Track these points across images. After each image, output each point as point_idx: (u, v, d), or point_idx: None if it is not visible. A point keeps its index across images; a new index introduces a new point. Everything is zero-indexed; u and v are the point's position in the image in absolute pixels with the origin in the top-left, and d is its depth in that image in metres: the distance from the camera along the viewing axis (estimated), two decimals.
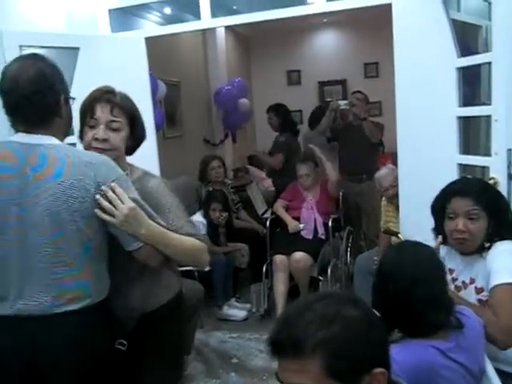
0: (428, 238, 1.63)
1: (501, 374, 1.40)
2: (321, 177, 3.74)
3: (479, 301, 1.52)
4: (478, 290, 1.53)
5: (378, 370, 0.85)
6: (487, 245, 1.52)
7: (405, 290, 1.24)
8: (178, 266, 1.63)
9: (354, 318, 0.86)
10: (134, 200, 1.31)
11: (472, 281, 1.55)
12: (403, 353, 1.17)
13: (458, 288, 1.59)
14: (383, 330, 0.93)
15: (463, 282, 1.56)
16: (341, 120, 4.07)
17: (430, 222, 1.67)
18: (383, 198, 3.13)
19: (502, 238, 1.51)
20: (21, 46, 2.39)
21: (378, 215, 3.31)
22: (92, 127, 1.43)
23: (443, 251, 1.65)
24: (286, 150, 4.20)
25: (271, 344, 0.88)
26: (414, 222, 2.44)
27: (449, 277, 1.55)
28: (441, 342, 1.23)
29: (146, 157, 2.85)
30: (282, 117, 4.44)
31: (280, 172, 4.20)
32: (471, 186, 1.55)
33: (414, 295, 1.23)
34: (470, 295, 1.54)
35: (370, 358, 0.85)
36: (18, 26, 2.48)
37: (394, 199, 2.89)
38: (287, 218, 3.63)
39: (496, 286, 1.43)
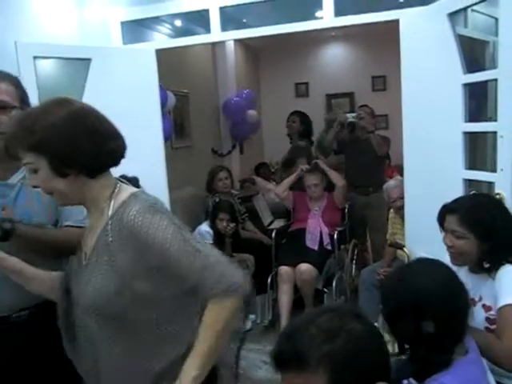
0: (432, 252, 1.63)
1: None
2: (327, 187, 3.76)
3: (487, 319, 1.52)
4: (487, 309, 1.52)
5: (380, 383, 0.86)
6: (487, 265, 1.53)
7: (455, 321, 1.20)
8: None
9: (358, 332, 0.87)
10: None
11: (480, 299, 1.55)
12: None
13: None
14: (384, 344, 0.93)
15: (472, 300, 1.56)
16: (348, 133, 4.08)
17: (435, 236, 1.67)
18: (391, 210, 3.13)
19: (509, 260, 1.52)
20: (35, 57, 2.45)
21: (383, 228, 3.30)
22: None
23: (455, 268, 1.64)
24: (307, 156, 4.20)
25: (275, 357, 0.88)
26: (420, 236, 2.45)
27: None
28: (471, 356, 1.21)
29: (154, 167, 2.94)
30: (306, 124, 4.46)
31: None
32: (460, 207, 1.57)
33: (459, 325, 1.22)
34: (478, 313, 1.53)
35: (372, 371, 0.86)
36: (32, 38, 2.53)
37: (401, 211, 2.89)
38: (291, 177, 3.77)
39: (500, 308, 1.44)
